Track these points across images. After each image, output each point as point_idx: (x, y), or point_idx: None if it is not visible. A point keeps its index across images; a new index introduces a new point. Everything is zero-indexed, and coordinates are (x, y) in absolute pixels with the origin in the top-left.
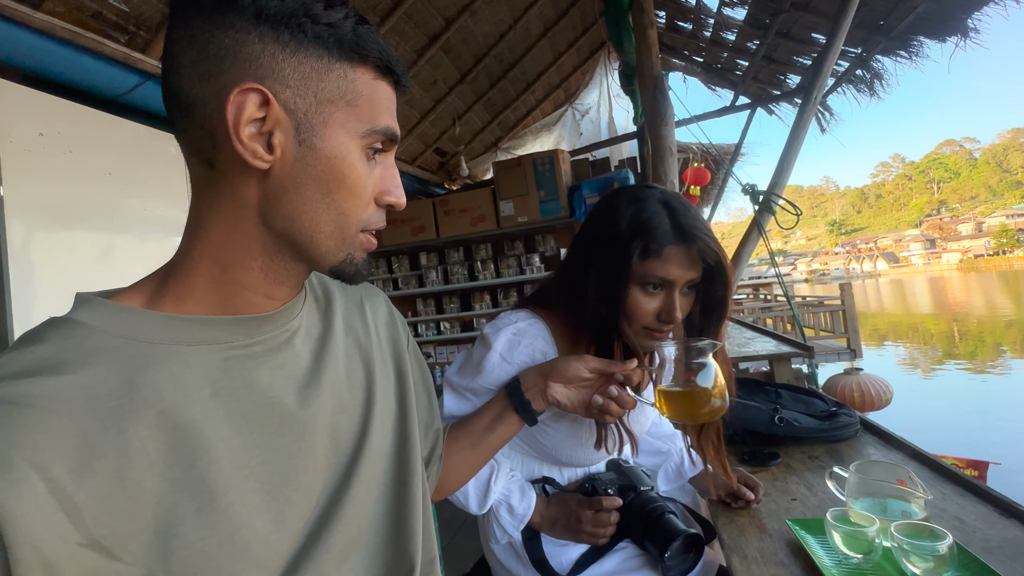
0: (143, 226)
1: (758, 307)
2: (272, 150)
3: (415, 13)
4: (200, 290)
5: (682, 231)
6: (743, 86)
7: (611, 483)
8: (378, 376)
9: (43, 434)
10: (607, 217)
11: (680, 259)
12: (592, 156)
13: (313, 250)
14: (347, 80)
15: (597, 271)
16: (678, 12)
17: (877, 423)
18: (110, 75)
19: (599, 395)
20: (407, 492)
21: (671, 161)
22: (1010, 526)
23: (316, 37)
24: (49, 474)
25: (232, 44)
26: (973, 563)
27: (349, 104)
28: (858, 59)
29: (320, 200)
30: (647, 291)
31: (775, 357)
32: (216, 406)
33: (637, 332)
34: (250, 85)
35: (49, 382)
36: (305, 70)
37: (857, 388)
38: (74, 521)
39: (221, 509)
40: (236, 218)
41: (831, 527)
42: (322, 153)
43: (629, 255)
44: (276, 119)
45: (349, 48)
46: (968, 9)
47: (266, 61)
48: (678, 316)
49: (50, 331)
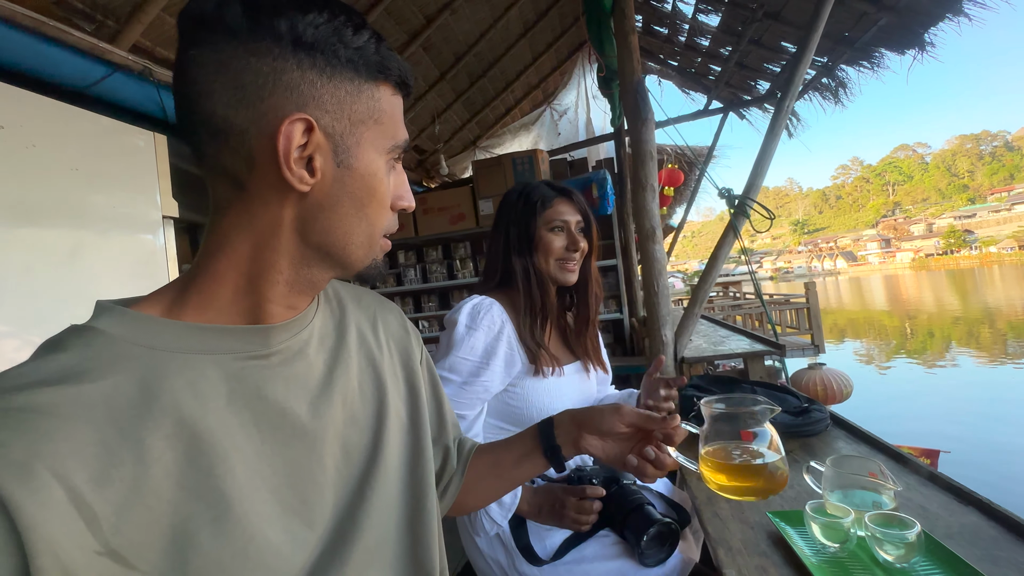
0: (112, 223)
1: (728, 305)
2: (314, 173)
3: (396, 10)
4: (223, 300)
5: (562, 190)
6: (716, 90)
7: (595, 474)
8: (390, 390)
9: (64, 443)
10: (510, 205)
11: (567, 207)
12: (570, 156)
13: (345, 259)
14: (374, 100)
15: (516, 235)
16: (654, 17)
17: (845, 418)
18: (76, 66)
19: (635, 455)
20: (422, 506)
21: (651, 165)
22: (968, 513)
23: (348, 61)
24: (69, 482)
25: (270, 71)
26: (938, 549)
27: (376, 123)
28: (824, 68)
29: (354, 214)
30: (553, 232)
31: (749, 355)
32: (231, 415)
33: (553, 267)
34: (299, 116)
35: (71, 391)
36: (340, 94)
37: (820, 382)
38: (92, 529)
39: (236, 519)
40: (268, 235)
41: (810, 518)
42: (357, 172)
43: (534, 212)
44: (317, 144)
45: (375, 69)
46: (925, 24)
47: (306, 88)
48: (579, 244)
49: (72, 339)
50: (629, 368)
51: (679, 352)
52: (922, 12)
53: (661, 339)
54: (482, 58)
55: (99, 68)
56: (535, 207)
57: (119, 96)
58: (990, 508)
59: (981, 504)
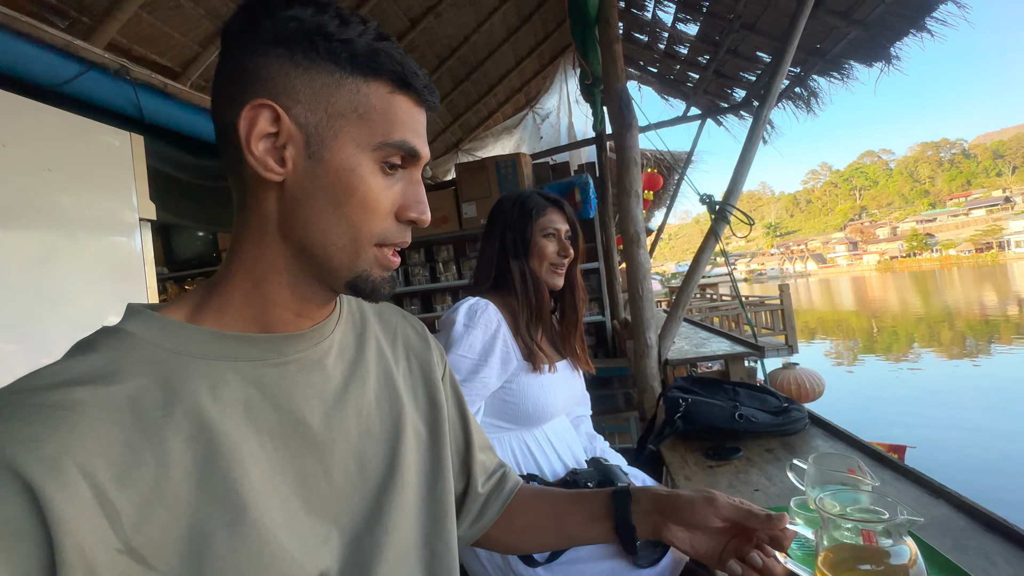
0: (86, 226)
1: (706, 307)
2: (284, 163)
3: (379, 12)
4: (236, 305)
5: (554, 200)
6: (695, 97)
7: (591, 477)
8: (407, 404)
9: (92, 441)
10: (505, 212)
11: (558, 216)
12: (552, 160)
13: (327, 263)
14: (359, 94)
15: (512, 240)
16: (635, 24)
17: (823, 417)
18: (48, 63)
19: (737, 563)
20: (441, 523)
21: (635, 170)
22: (938, 505)
23: (328, 53)
24: (95, 480)
25: (253, 67)
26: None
27: (361, 118)
28: (797, 78)
29: (331, 212)
30: (547, 237)
31: (730, 357)
32: (247, 422)
33: (545, 271)
34: (260, 101)
35: (100, 391)
36: (316, 86)
37: (794, 382)
38: (115, 527)
39: (251, 523)
40: (261, 232)
41: (794, 514)
42: (331, 165)
43: (530, 219)
44: (288, 133)
45: (362, 63)
46: (892, 39)
47: (280, 79)
48: (569, 251)
49: (103, 340)
50: (611, 370)
51: (663, 354)
52: (889, 27)
53: (645, 342)
54: (465, 61)
55: (72, 66)
56: (531, 214)
57: (93, 95)
58: (958, 500)
59: (950, 496)
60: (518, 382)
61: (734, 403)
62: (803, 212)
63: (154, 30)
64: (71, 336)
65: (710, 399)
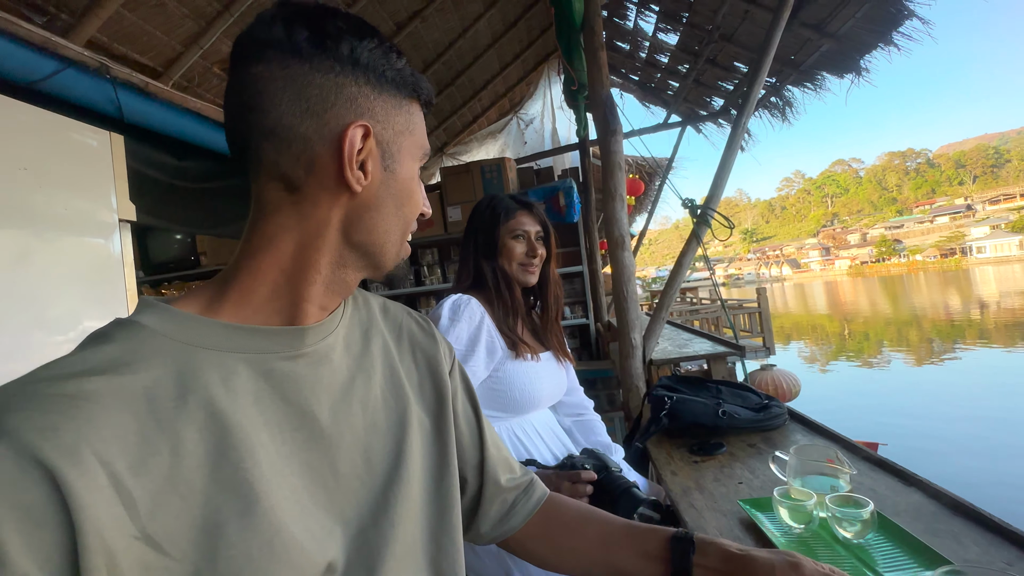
0: (64, 227)
1: (687, 310)
2: (366, 176)
3: (366, 14)
4: (261, 298)
5: (524, 203)
6: (675, 105)
7: (585, 462)
8: (413, 400)
9: (109, 429)
10: (479, 215)
11: (527, 217)
12: (537, 165)
13: (381, 258)
14: (409, 114)
15: (483, 242)
16: (617, 33)
17: (801, 412)
18: (24, 59)
19: None
20: (447, 518)
21: (620, 176)
22: (912, 493)
23: (391, 80)
24: (112, 468)
25: (333, 86)
26: (888, 525)
27: (411, 133)
28: (772, 88)
29: (394, 214)
30: (516, 239)
31: (712, 356)
32: (257, 413)
33: (515, 269)
34: (360, 123)
35: (115, 381)
36: (387, 108)
37: (772, 383)
38: (131, 514)
39: (262, 512)
40: (314, 235)
41: (778, 503)
42: (399, 176)
43: (498, 221)
44: (370, 150)
45: (410, 87)
46: (861, 52)
47: (363, 101)
48: (537, 251)
49: (117, 331)
50: (595, 372)
51: (647, 355)
52: (858, 41)
53: (631, 342)
54: (451, 66)
55: (49, 63)
56: (499, 217)
57: (71, 93)
58: (929, 487)
59: (922, 484)
60: (504, 370)
61: (717, 400)
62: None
63: (136, 28)
64: (45, 339)
65: (694, 397)
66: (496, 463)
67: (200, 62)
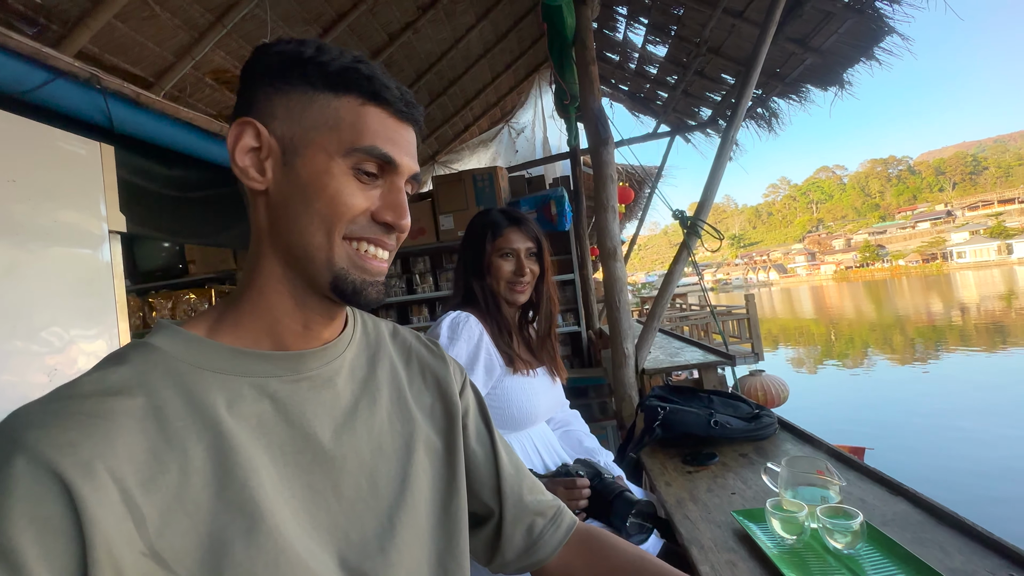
0: (52, 238)
1: (676, 316)
2: (264, 172)
3: (359, 27)
4: (248, 318)
5: (514, 218)
6: (664, 115)
7: (580, 469)
8: (421, 423)
9: (122, 447)
10: (469, 233)
11: (517, 235)
12: (528, 173)
13: (310, 264)
14: (329, 108)
15: (472, 260)
16: (607, 44)
17: (791, 422)
18: (13, 70)
19: None
20: (454, 543)
21: (612, 187)
22: (899, 502)
23: (302, 76)
24: (123, 484)
25: (246, 95)
26: (877, 535)
27: (331, 129)
28: (759, 99)
29: (304, 211)
30: (504, 258)
31: (703, 365)
32: (260, 435)
33: (504, 288)
34: (244, 119)
35: (129, 402)
36: (291, 104)
37: (761, 388)
38: (140, 531)
39: (267, 531)
40: (259, 243)
41: (770, 515)
42: (304, 170)
43: (485, 239)
44: (269, 147)
45: (333, 81)
46: (844, 65)
47: (263, 101)
48: (526, 271)
49: (132, 353)
50: (587, 380)
51: (640, 364)
52: (841, 55)
53: (623, 352)
54: (443, 76)
55: (39, 73)
56: (487, 235)
57: (61, 103)
58: (916, 497)
59: (908, 494)
60: (502, 387)
61: (709, 411)
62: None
63: (127, 39)
64: (32, 352)
65: (687, 407)
66: (515, 482)
67: (192, 72)
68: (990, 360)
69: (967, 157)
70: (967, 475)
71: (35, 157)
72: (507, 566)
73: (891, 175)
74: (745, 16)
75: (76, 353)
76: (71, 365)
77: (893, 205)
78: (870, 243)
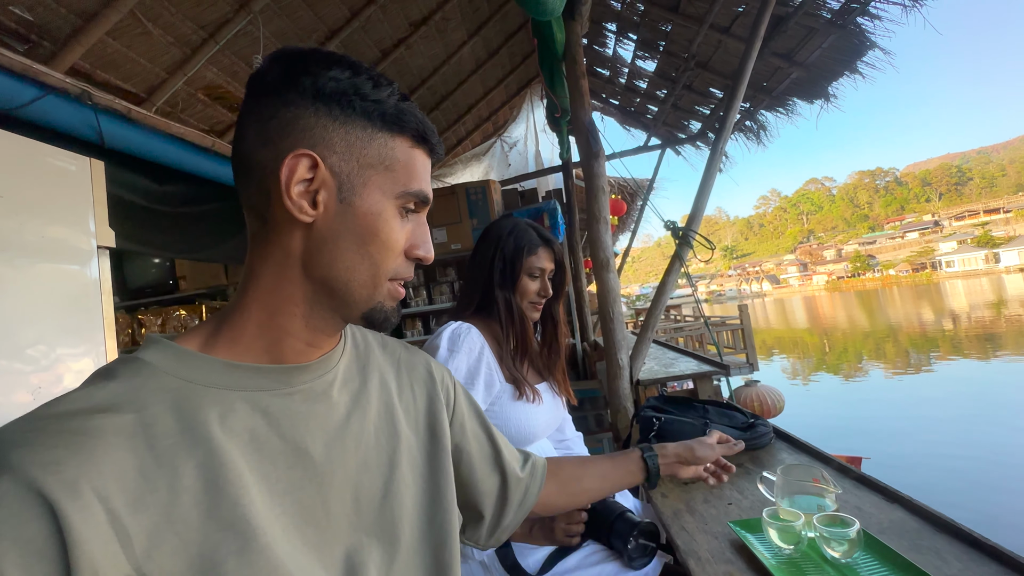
0: (40, 254)
1: (671, 327)
2: (316, 206)
3: (352, 43)
4: (249, 335)
5: (545, 239)
6: (654, 128)
7: None
8: (406, 436)
9: (109, 466)
10: (500, 239)
11: (547, 255)
12: (520, 187)
13: (348, 297)
14: (387, 148)
15: (501, 270)
16: (597, 60)
17: (787, 431)
18: (3, 86)
19: None
20: (440, 554)
21: (603, 199)
22: (895, 510)
23: (363, 111)
24: (109, 504)
25: (292, 117)
26: (874, 543)
27: (387, 169)
28: (747, 112)
29: (356, 251)
30: (532, 277)
31: (698, 376)
32: (252, 450)
33: (526, 306)
34: (303, 151)
35: (117, 419)
36: (351, 139)
37: (756, 399)
38: (126, 552)
39: (259, 549)
40: (283, 267)
41: (767, 524)
42: (359, 210)
43: (522, 255)
44: (322, 180)
45: (391, 121)
46: (829, 79)
47: (318, 131)
48: (549, 292)
49: (122, 368)
50: (582, 392)
51: (634, 375)
52: (826, 69)
53: (618, 363)
54: (435, 91)
55: (30, 89)
56: (524, 250)
57: (51, 119)
58: (911, 504)
59: (904, 501)
60: (501, 405)
61: (704, 421)
62: (756, 235)
63: (119, 55)
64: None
65: (682, 417)
66: (512, 468)
67: (184, 88)
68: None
69: (952, 168)
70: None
71: (24, 173)
72: (507, 529)
73: (879, 186)
74: (731, 32)
75: (62, 371)
76: (56, 384)
77: (882, 216)
78: (860, 253)
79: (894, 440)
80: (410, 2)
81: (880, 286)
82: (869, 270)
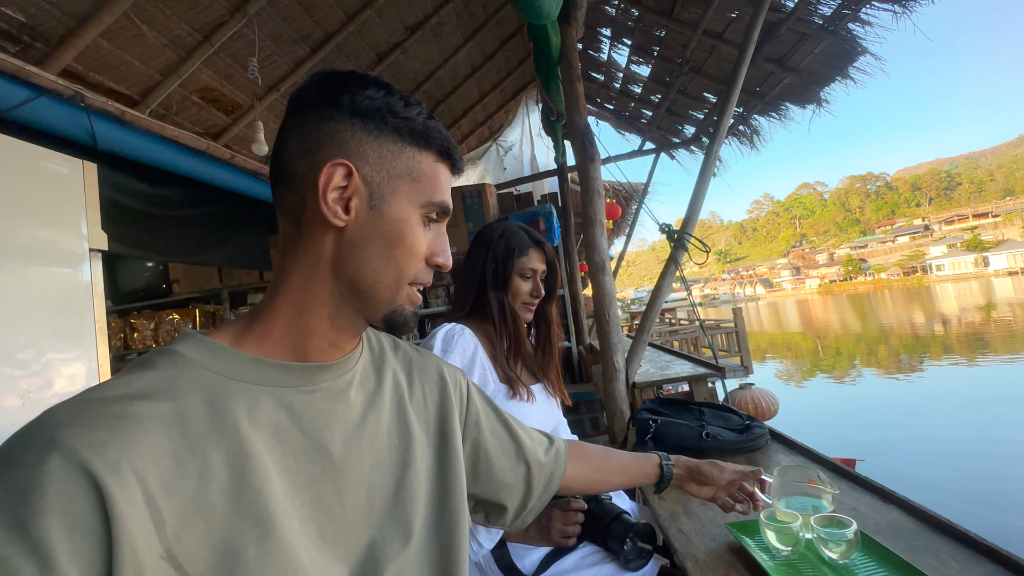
0: (31, 256)
1: (666, 331)
2: (348, 212)
3: (347, 46)
4: (278, 332)
5: (536, 240)
6: (649, 133)
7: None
8: (418, 437)
9: (148, 449)
10: (491, 241)
11: (538, 256)
12: (516, 190)
13: (372, 299)
14: (414, 161)
15: (493, 272)
16: (592, 64)
17: (782, 432)
18: None
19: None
20: (448, 555)
21: (599, 202)
22: (891, 511)
23: (394, 127)
24: (147, 486)
25: (330, 131)
26: (871, 544)
27: (414, 180)
28: (740, 117)
29: (383, 255)
30: (524, 278)
31: (694, 378)
32: (275, 444)
33: (519, 306)
34: (339, 161)
35: (155, 406)
36: (383, 152)
37: (751, 401)
38: (159, 533)
39: (278, 539)
40: (313, 268)
41: (764, 526)
42: (388, 216)
43: (512, 256)
44: (355, 188)
45: (419, 136)
46: (820, 84)
47: (354, 144)
48: (542, 292)
49: (158, 359)
50: (578, 395)
51: (630, 377)
52: (818, 74)
53: (613, 366)
54: (431, 95)
55: (21, 91)
56: (514, 252)
57: (44, 121)
58: (908, 505)
59: (900, 502)
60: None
61: (700, 423)
62: (750, 239)
63: (113, 57)
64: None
65: (678, 419)
66: (535, 456)
67: (179, 91)
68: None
69: (941, 173)
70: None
71: (15, 175)
72: (530, 515)
73: (870, 191)
74: (725, 37)
75: (53, 376)
76: (47, 388)
77: (873, 220)
78: (852, 257)
79: (887, 442)
80: (406, 6)
81: (872, 289)
82: (861, 274)
